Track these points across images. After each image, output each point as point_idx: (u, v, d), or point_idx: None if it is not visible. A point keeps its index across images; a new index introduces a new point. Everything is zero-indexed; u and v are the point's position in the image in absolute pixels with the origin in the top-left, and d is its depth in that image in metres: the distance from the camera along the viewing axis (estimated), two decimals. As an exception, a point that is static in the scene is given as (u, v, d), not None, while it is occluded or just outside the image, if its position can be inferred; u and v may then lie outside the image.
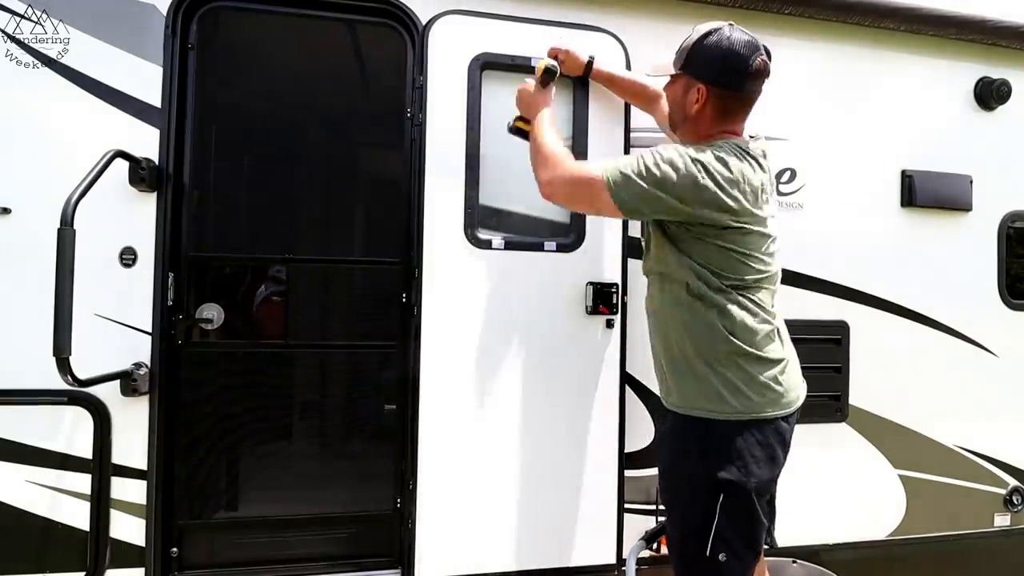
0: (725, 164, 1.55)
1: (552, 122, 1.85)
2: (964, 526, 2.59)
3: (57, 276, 1.60)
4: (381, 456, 2.19)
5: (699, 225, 1.59)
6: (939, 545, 2.55)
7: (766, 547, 1.78)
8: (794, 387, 1.70)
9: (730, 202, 1.55)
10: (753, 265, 1.61)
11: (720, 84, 1.63)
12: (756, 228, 1.60)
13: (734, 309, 1.60)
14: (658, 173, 1.54)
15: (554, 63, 1.92)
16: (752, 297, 1.63)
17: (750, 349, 1.61)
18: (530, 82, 1.92)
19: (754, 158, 1.64)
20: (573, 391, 2.18)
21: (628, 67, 2.24)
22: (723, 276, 1.60)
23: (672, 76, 1.73)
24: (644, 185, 1.55)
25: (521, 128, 1.95)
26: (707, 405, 1.63)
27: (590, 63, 2.10)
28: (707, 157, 1.56)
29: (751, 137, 1.72)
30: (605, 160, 1.66)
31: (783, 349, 1.70)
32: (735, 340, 1.60)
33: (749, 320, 1.61)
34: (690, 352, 1.65)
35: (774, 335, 1.67)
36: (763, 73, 1.64)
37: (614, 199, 1.59)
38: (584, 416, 2.19)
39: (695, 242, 1.61)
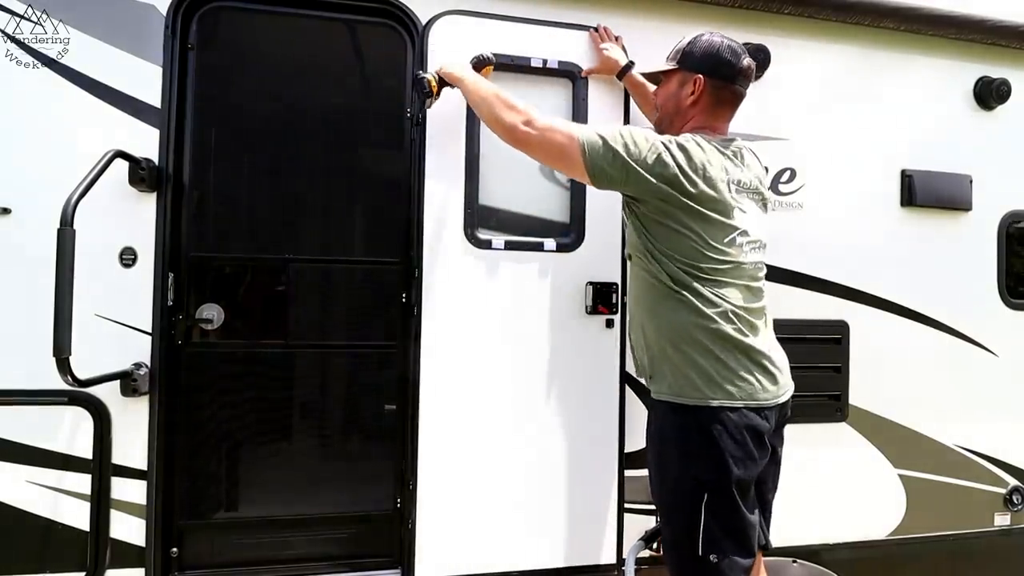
0: (691, 149, 1.64)
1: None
2: (964, 526, 2.59)
3: (57, 276, 1.59)
4: (381, 456, 2.19)
5: (659, 202, 1.65)
6: (939, 545, 2.55)
7: (761, 547, 1.78)
8: (770, 384, 1.70)
9: (687, 184, 1.62)
10: (709, 254, 1.65)
11: (716, 75, 1.75)
12: (716, 216, 1.65)
13: (693, 297, 1.65)
14: (629, 140, 1.65)
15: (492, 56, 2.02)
16: (715, 290, 1.66)
17: (715, 336, 1.64)
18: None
19: (732, 154, 1.73)
20: (573, 391, 2.18)
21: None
22: (678, 261, 1.66)
23: (667, 73, 1.82)
24: (616, 148, 1.64)
25: (429, 83, 1.94)
26: (677, 389, 1.68)
27: (629, 66, 2.16)
28: (678, 139, 1.68)
29: (730, 139, 1.79)
30: (580, 125, 1.74)
31: (755, 342, 1.69)
32: (696, 327, 1.65)
33: (707, 309, 1.65)
34: (659, 336, 1.72)
35: (742, 328, 1.68)
36: (752, 73, 1.79)
37: (585, 158, 1.66)
38: (584, 416, 2.19)
39: (658, 226, 1.69)
